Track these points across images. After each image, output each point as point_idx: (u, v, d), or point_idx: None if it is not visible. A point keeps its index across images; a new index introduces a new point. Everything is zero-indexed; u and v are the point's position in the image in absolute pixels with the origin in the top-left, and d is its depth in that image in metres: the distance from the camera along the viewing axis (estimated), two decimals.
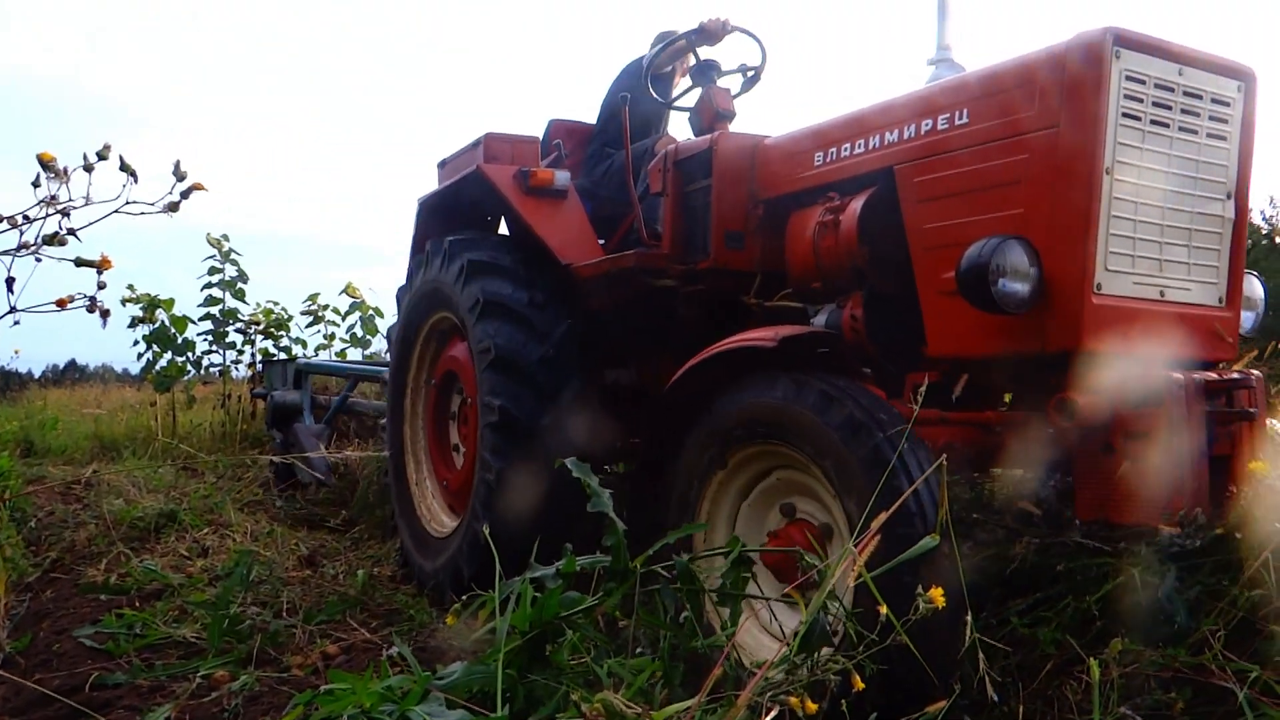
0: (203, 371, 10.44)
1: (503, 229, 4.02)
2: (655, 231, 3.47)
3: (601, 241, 3.77)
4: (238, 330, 10.19)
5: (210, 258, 10.05)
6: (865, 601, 1.70)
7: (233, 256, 10.12)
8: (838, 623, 1.73)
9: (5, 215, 1.30)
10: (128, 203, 1.35)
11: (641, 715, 1.38)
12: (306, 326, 10.65)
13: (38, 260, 1.31)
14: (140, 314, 9.88)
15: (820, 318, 2.67)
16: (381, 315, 10.98)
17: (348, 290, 10.82)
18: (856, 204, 2.56)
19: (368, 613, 3.68)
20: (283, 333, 10.67)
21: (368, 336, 10.70)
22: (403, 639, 3.26)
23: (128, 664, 3.04)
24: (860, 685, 1.63)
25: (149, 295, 10.02)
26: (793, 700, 1.50)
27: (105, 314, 1.39)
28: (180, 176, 1.40)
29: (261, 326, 10.39)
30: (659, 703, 1.62)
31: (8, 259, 1.28)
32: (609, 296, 3.38)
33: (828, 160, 2.68)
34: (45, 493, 6.44)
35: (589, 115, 4.46)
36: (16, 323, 1.30)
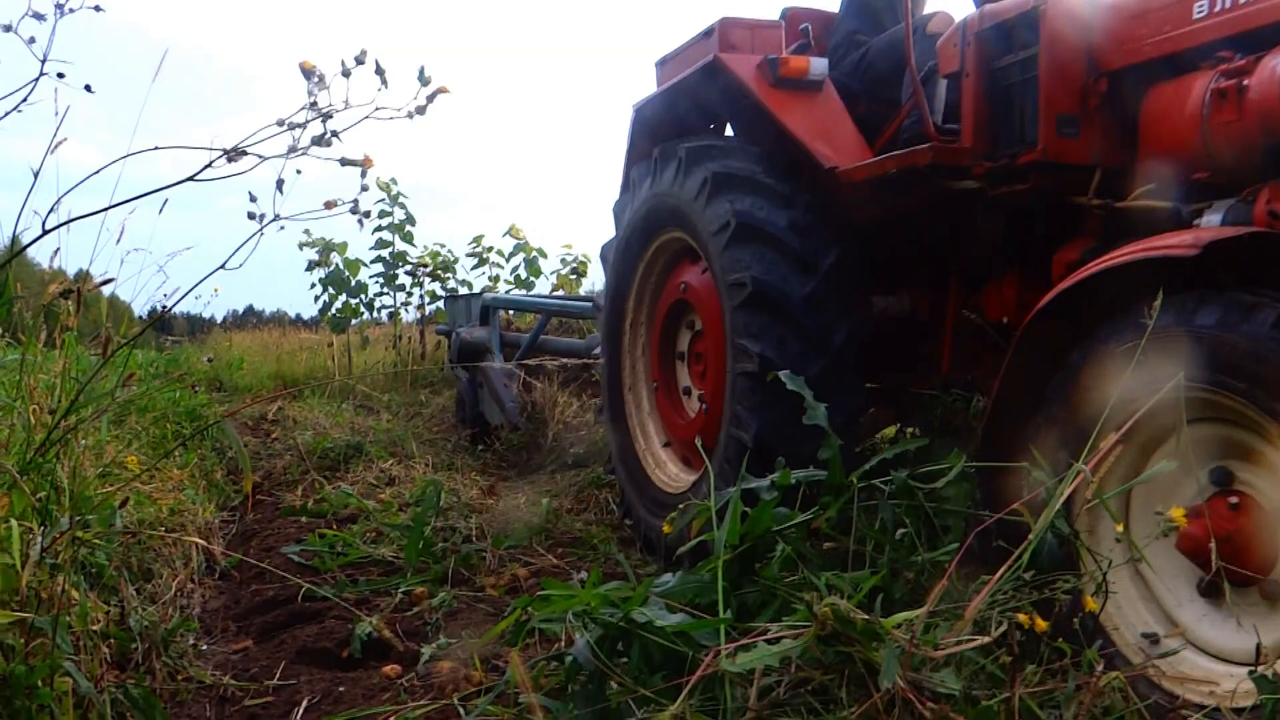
0: (375, 314, 11.23)
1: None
2: (939, 126, 2.95)
3: None
4: (407, 273, 10.82)
5: (380, 201, 10.63)
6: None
7: (401, 200, 10.68)
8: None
9: (278, 120, 1.44)
10: (378, 108, 1.47)
11: (870, 620, 1.42)
12: (472, 269, 11.17)
13: (297, 173, 1.43)
14: (316, 258, 10.65)
15: (1212, 216, 2.10)
16: (544, 256, 11.44)
17: (511, 232, 11.16)
18: (1275, 62, 2.04)
19: (552, 540, 3.85)
20: (449, 274, 11.22)
21: (531, 278, 11.12)
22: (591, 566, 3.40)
23: (333, 579, 3.28)
24: (1092, 606, 1.61)
25: (324, 239, 10.71)
26: (1021, 616, 1.49)
27: (365, 215, 1.52)
28: (425, 81, 1.51)
29: (429, 269, 11.02)
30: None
31: (277, 163, 1.41)
32: (881, 208, 2.90)
33: (1217, 8, 2.20)
34: (238, 426, 6.99)
35: (824, 3, 3.97)
36: (282, 228, 1.44)
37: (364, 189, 1.51)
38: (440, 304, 11.04)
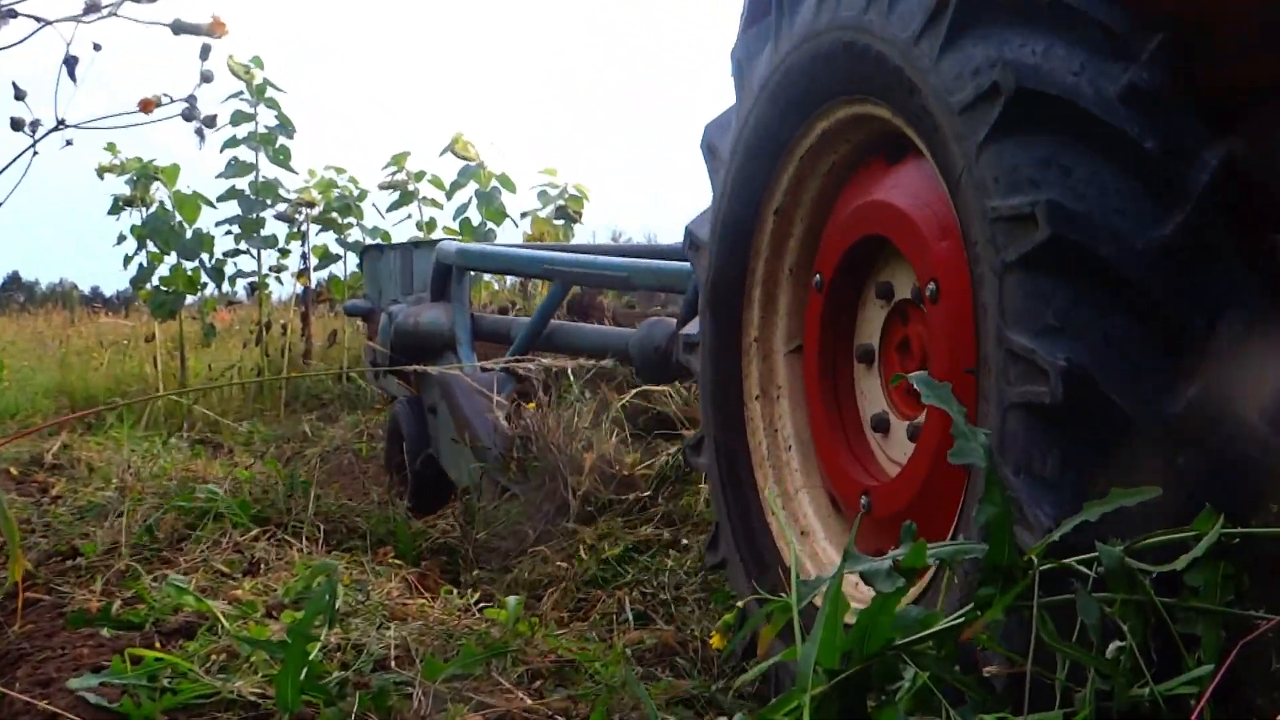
0: (227, 288, 11.25)
1: None
2: None
3: None
4: (280, 217, 10.91)
5: (237, 97, 10.67)
6: None
7: (269, 94, 10.67)
8: None
9: None
10: None
11: None
12: (389, 209, 11.40)
13: (96, 48, 1.43)
14: (126, 191, 10.60)
15: None
16: (511, 188, 11.56)
17: (455, 148, 11.34)
18: None
19: (525, 665, 3.87)
20: (350, 220, 11.35)
21: (488, 225, 11.24)
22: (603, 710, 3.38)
23: None
24: None
25: (140, 160, 10.68)
26: None
27: (208, 124, 1.52)
28: None
29: (318, 210, 11.09)
30: None
31: (69, 27, 1.41)
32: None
33: None
34: None
35: None
36: (69, 142, 1.44)
37: (206, 77, 1.52)
38: (353, 263, 11.30)
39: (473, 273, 7.27)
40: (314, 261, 11.80)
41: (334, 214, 11.44)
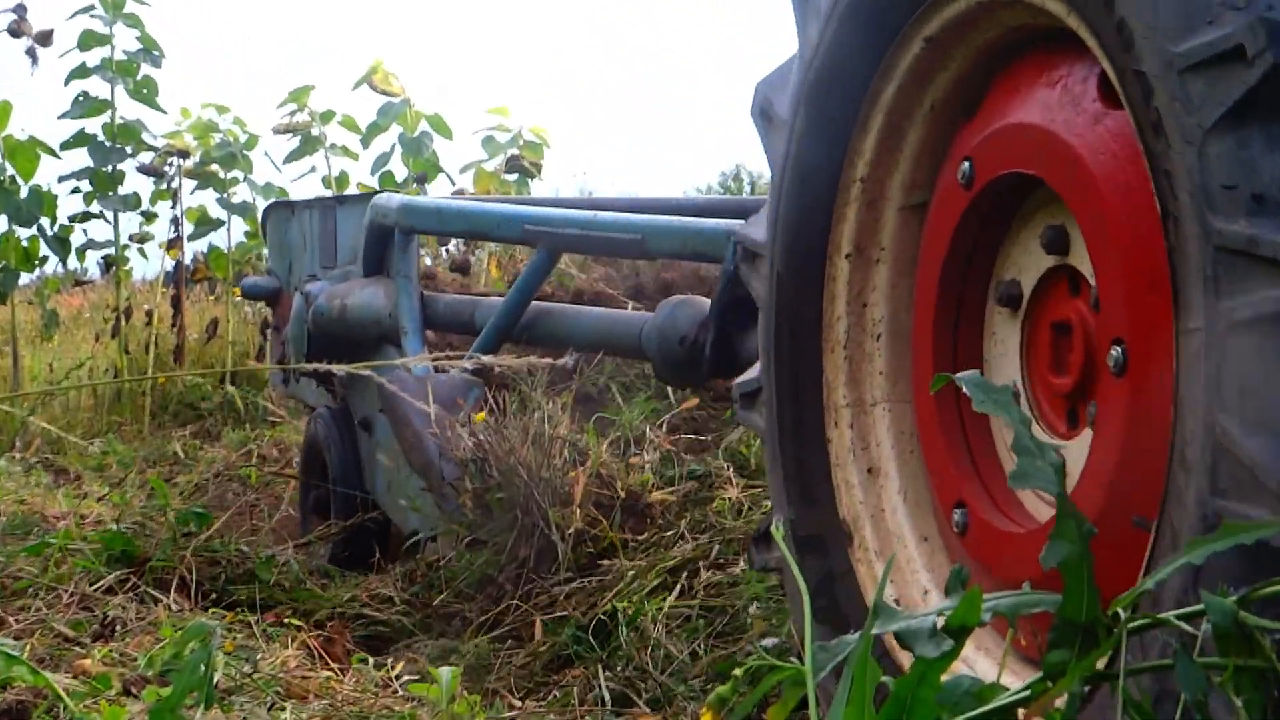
0: (73, 262, 11.22)
1: None
2: None
3: None
4: (143, 169, 10.97)
5: (87, 11, 10.58)
6: None
7: (129, 9, 10.57)
8: None
9: None
10: None
11: None
12: (288, 159, 11.44)
13: None
14: None
15: None
16: (447, 133, 11.66)
17: (374, 79, 11.43)
18: None
19: None
20: (236, 173, 11.34)
21: (417, 178, 11.37)
22: None
23: None
24: None
25: None
26: None
27: (42, 42, 1.51)
28: None
29: (192, 161, 11.08)
30: None
31: None
32: None
33: None
34: None
35: None
36: None
37: None
38: (238, 230, 11.44)
39: (415, 238, 6.90)
40: (188, 228, 11.75)
41: (214, 166, 11.45)
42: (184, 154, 11.27)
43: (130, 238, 11.50)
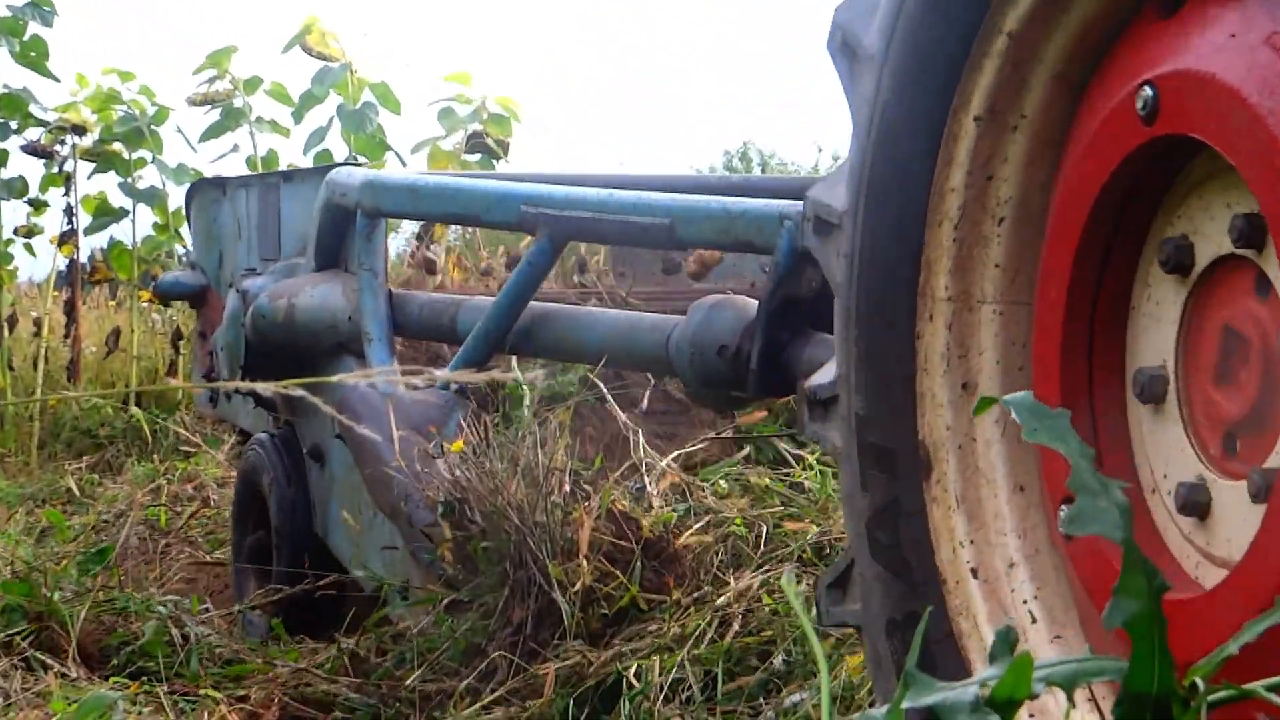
0: None
1: None
2: None
3: None
4: (30, 149, 11.10)
5: None
6: None
7: None
8: None
9: None
10: None
11: None
12: (205, 137, 11.57)
13: None
14: None
15: None
16: (393, 106, 11.70)
17: (308, 39, 11.45)
18: None
19: None
20: (143, 153, 11.43)
21: (361, 160, 11.25)
22: None
23: None
24: None
25: None
26: None
27: None
28: None
29: (90, 139, 11.19)
30: None
31: None
32: None
33: None
34: None
35: None
36: None
37: None
38: (145, 222, 11.43)
39: (382, 221, 6.60)
40: (85, 220, 11.83)
41: (116, 145, 11.50)
42: (80, 130, 11.28)
43: (15, 231, 11.57)
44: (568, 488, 5.51)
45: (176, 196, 11.72)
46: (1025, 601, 3.58)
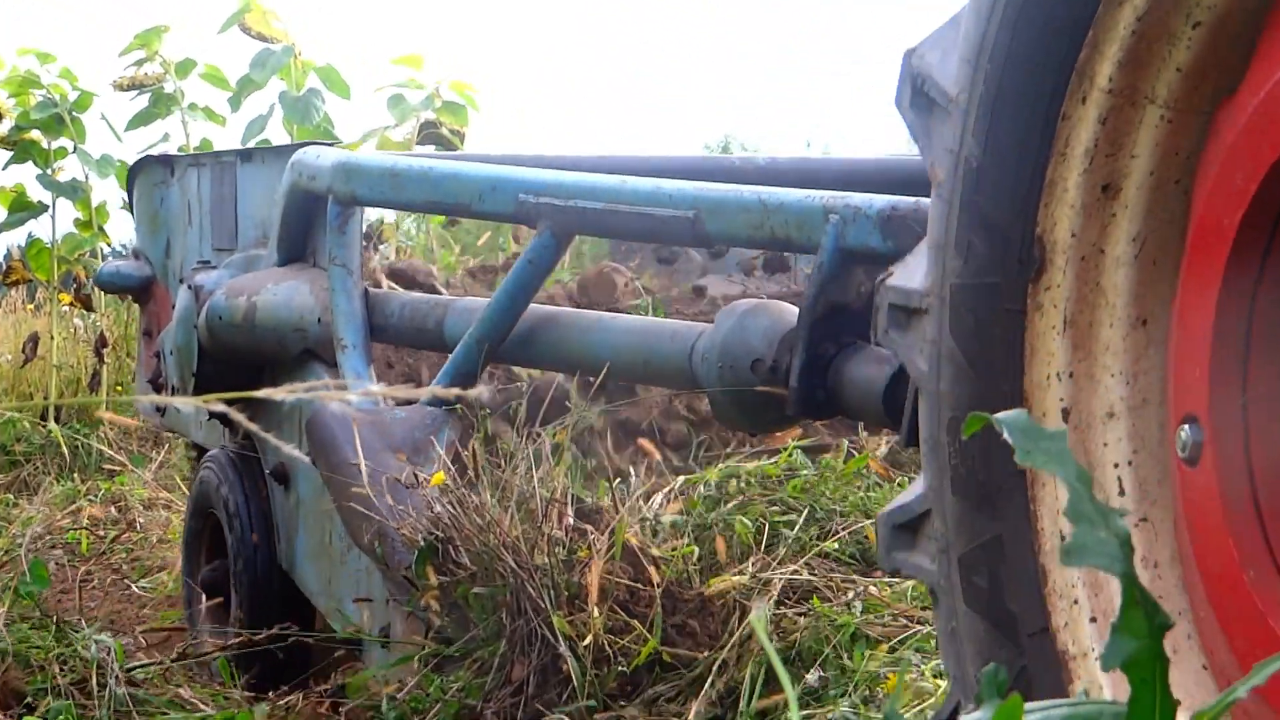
0: None
1: None
2: None
3: None
4: None
5: None
6: None
7: None
8: None
9: None
10: None
11: None
12: (132, 125, 11.62)
13: None
14: None
15: None
16: (345, 94, 11.78)
17: (247, 19, 11.47)
18: None
19: None
20: (64, 142, 11.47)
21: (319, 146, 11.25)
22: None
23: None
24: None
25: None
26: None
27: None
28: None
29: (6, 126, 11.16)
30: None
31: None
32: None
33: None
34: None
35: None
36: None
37: None
38: (65, 218, 11.50)
39: (360, 211, 6.35)
40: (0, 215, 11.88)
41: (34, 133, 11.53)
42: None
43: None
44: (570, 520, 5.24)
45: (101, 190, 11.89)
46: (1116, 465, 3.50)
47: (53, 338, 11.17)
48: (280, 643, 6.04)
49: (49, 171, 11.52)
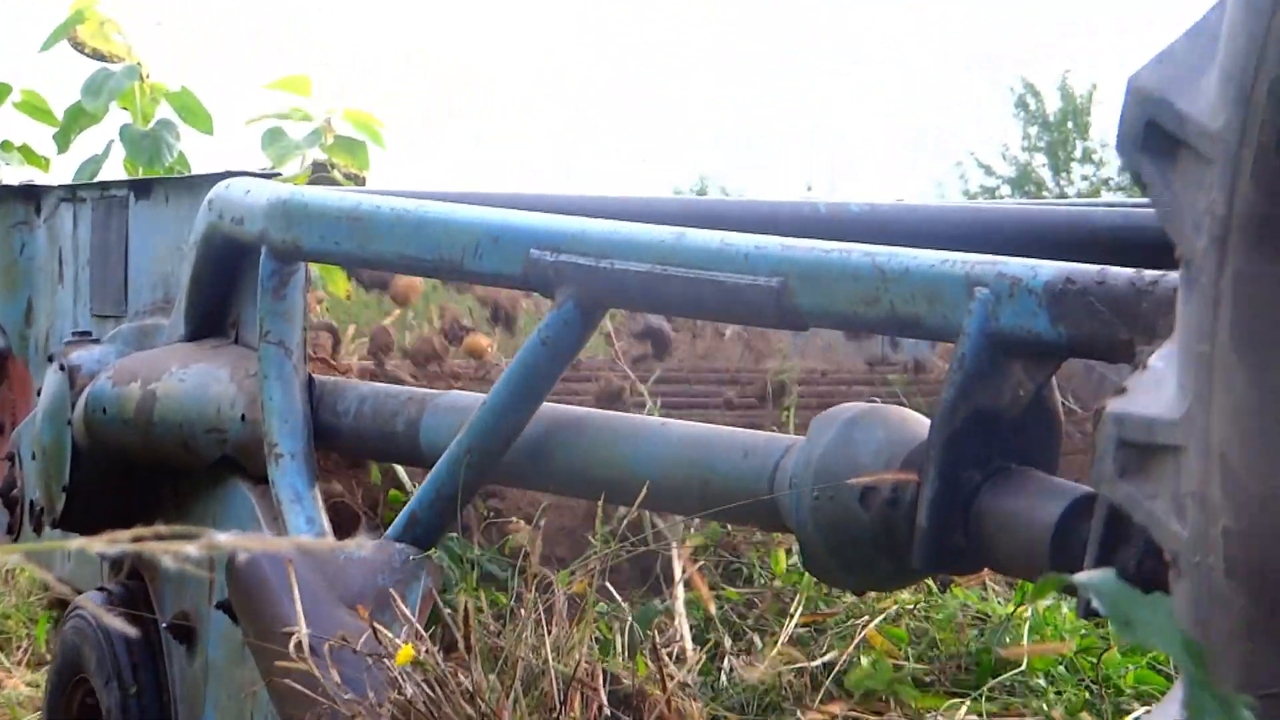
0: None
1: None
2: None
3: None
4: None
5: None
6: None
7: None
8: None
9: None
10: None
11: None
12: (59, 155, 11.47)
13: None
14: None
15: None
16: (207, 128, 11.63)
17: (76, 31, 11.17)
18: None
19: None
20: None
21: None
22: None
23: None
24: None
25: None
26: None
27: None
28: None
29: None
30: None
31: None
32: None
33: None
34: None
35: None
36: None
37: None
38: None
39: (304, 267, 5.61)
40: None
41: None
42: None
43: None
44: (605, 709, 4.61)
45: None
46: None
47: None
48: None
49: None
